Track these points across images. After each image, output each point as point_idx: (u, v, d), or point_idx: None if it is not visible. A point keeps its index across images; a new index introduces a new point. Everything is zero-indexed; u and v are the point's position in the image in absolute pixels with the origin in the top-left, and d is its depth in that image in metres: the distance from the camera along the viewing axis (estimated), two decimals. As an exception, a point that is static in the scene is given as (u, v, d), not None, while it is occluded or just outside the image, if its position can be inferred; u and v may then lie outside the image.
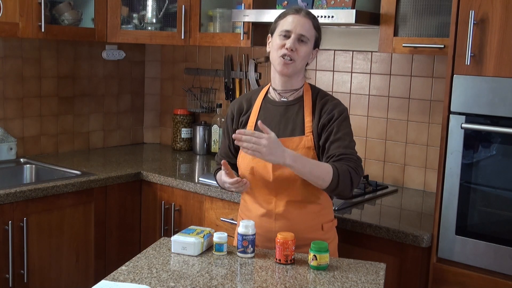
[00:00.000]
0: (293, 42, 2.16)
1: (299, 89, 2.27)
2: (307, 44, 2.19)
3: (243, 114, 2.32)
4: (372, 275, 1.96)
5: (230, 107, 2.38)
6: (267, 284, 1.88)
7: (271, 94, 2.31)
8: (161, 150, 3.95)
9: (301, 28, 2.17)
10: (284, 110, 2.25)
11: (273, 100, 2.29)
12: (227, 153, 2.39)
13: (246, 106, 2.32)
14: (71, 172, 3.16)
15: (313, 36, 2.21)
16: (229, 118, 2.36)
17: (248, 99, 2.34)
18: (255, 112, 2.29)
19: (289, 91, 2.26)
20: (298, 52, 2.17)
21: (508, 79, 2.13)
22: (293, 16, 2.19)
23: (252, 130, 2.19)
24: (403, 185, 3.11)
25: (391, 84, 3.11)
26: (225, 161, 2.16)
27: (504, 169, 2.21)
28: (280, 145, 2.03)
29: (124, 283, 1.84)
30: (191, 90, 3.87)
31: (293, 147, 2.18)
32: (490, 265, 2.22)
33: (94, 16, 3.39)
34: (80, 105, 3.74)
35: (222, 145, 2.43)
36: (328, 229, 2.26)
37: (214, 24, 3.43)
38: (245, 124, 2.30)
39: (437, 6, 2.59)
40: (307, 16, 2.20)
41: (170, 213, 3.13)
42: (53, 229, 2.91)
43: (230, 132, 2.35)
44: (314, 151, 2.19)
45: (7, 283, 2.74)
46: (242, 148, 2.04)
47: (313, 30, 2.21)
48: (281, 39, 2.18)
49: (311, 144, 2.19)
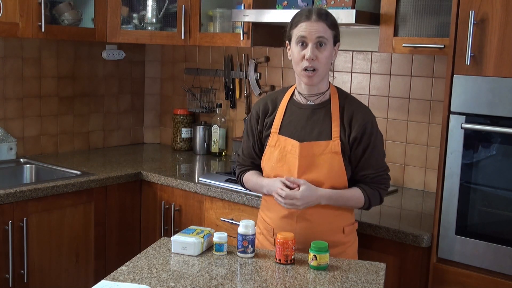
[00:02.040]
0: (312, 50, 2.12)
1: (325, 92, 2.24)
2: (326, 46, 2.14)
3: (268, 116, 2.29)
4: (372, 275, 1.96)
5: (254, 107, 2.35)
6: (267, 284, 1.88)
7: (296, 96, 2.28)
8: (161, 150, 3.95)
9: (316, 33, 2.12)
10: (311, 113, 2.23)
11: (299, 102, 2.26)
12: (250, 154, 2.35)
13: (272, 107, 2.29)
14: (71, 172, 3.16)
15: (330, 36, 2.15)
16: (253, 118, 2.32)
17: (273, 100, 2.31)
18: (280, 115, 2.26)
19: (315, 95, 2.23)
20: (320, 59, 2.13)
21: (508, 79, 2.13)
22: (305, 23, 2.13)
23: (276, 133, 2.22)
24: (403, 185, 3.11)
25: (391, 84, 3.11)
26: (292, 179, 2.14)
27: (504, 169, 2.21)
28: (313, 191, 2.12)
29: (124, 283, 1.84)
30: (191, 90, 3.87)
31: (320, 151, 2.17)
32: (490, 265, 2.22)
33: (94, 16, 3.39)
34: (80, 105, 3.74)
35: (245, 145, 2.37)
36: (349, 232, 2.25)
37: (214, 24, 3.43)
38: (270, 127, 2.26)
39: (437, 6, 2.59)
40: (320, 19, 2.14)
41: (170, 213, 3.13)
42: (53, 229, 2.91)
43: (254, 133, 2.32)
44: (340, 156, 2.17)
45: (7, 283, 2.74)
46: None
47: (328, 30, 2.15)
48: (299, 48, 2.14)
49: (338, 149, 2.17)
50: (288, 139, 2.20)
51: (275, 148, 2.22)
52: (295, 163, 2.17)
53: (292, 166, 2.18)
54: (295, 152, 2.18)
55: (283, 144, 2.21)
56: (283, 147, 2.21)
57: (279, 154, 2.21)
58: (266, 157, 2.25)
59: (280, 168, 2.20)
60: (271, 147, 2.24)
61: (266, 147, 2.26)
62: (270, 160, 2.23)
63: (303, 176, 2.16)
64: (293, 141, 2.19)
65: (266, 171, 2.26)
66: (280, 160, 2.20)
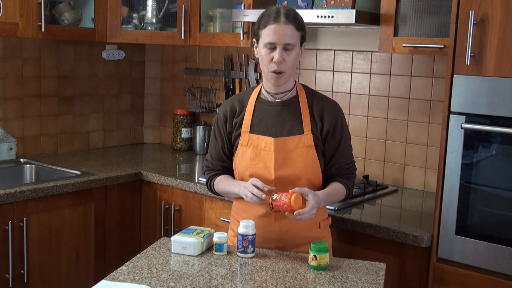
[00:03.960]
0: (280, 54, 2.13)
1: (291, 89, 2.27)
2: (294, 48, 2.16)
3: (236, 116, 2.30)
4: (372, 275, 1.96)
5: (221, 109, 2.35)
6: (267, 284, 1.88)
7: (264, 94, 2.30)
8: (161, 150, 3.95)
9: (284, 37, 2.12)
10: (280, 109, 2.25)
11: (267, 100, 2.28)
12: (220, 157, 2.35)
13: (239, 107, 2.30)
14: (71, 172, 3.16)
15: (298, 38, 2.17)
16: (221, 120, 2.33)
17: (239, 100, 2.32)
18: (249, 113, 2.27)
19: (282, 93, 2.26)
20: (287, 61, 2.15)
21: (508, 79, 2.13)
22: (274, 26, 2.13)
23: (247, 132, 2.23)
24: (403, 185, 3.11)
25: (391, 84, 3.11)
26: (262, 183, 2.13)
27: (504, 169, 2.21)
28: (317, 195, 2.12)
29: (124, 283, 1.84)
30: (191, 90, 3.87)
31: (293, 146, 2.19)
32: (490, 265, 2.22)
33: (94, 16, 3.39)
34: (80, 105, 3.74)
35: (214, 149, 2.36)
36: (324, 226, 2.30)
37: (214, 24, 3.43)
38: (239, 126, 2.27)
39: (437, 6, 2.59)
40: (288, 21, 2.13)
41: (170, 213, 3.13)
42: (53, 229, 2.91)
43: (223, 134, 2.32)
44: (314, 150, 2.20)
45: (7, 283, 2.74)
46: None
47: (296, 33, 2.15)
48: (267, 51, 2.16)
49: (311, 142, 2.20)
50: (260, 137, 2.22)
51: (248, 146, 2.23)
52: (271, 159, 2.18)
53: (268, 162, 2.18)
54: (269, 148, 2.19)
55: (256, 142, 2.22)
56: (256, 145, 2.22)
57: (252, 152, 2.21)
58: (238, 157, 2.25)
59: (255, 166, 2.20)
60: (243, 146, 2.24)
61: (238, 147, 2.26)
62: (243, 159, 2.23)
63: (280, 171, 2.17)
64: (267, 137, 2.20)
65: (239, 170, 2.25)
66: (255, 158, 2.21)
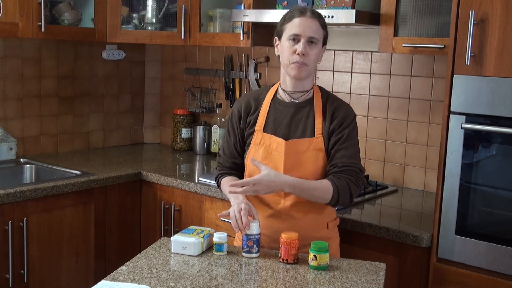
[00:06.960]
0: (304, 46, 2.13)
1: (309, 91, 2.25)
2: (317, 45, 2.16)
3: (251, 114, 2.29)
4: (372, 275, 1.96)
5: (236, 105, 2.34)
6: (267, 284, 1.88)
7: (280, 94, 2.28)
8: (161, 150, 3.95)
9: (310, 30, 2.14)
10: (295, 111, 2.24)
11: (283, 100, 2.27)
12: (232, 153, 2.34)
13: (254, 105, 2.29)
14: (71, 172, 3.16)
15: (321, 36, 2.19)
16: (235, 116, 2.32)
17: (255, 98, 2.31)
18: (264, 112, 2.26)
19: (299, 92, 2.24)
20: (310, 55, 2.15)
21: (508, 79, 2.13)
22: (300, 18, 2.15)
23: (261, 131, 2.22)
24: (403, 185, 3.11)
25: (391, 84, 3.11)
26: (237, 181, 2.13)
27: (504, 169, 2.21)
28: (276, 177, 2.08)
29: (124, 283, 1.84)
30: (191, 90, 3.87)
31: (304, 148, 2.18)
32: (490, 265, 2.22)
33: (94, 16, 3.39)
34: (80, 105, 3.74)
35: (226, 145, 2.36)
36: (332, 227, 2.28)
37: (214, 24, 3.43)
38: (253, 124, 2.26)
39: (437, 6, 2.59)
40: (313, 16, 2.17)
41: (170, 213, 3.13)
42: (53, 229, 2.91)
43: (236, 131, 2.31)
44: (324, 153, 2.19)
45: (7, 283, 2.74)
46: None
47: (321, 30, 2.18)
48: (290, 43, 2.15)
49: (321, 145, 2.18)
50: (273, 137, 2.21)
51: (260, 146, 2.23)
52: (281, 161, 2.18)
53: (278, 163, 2.18)
54: (280, 150, 2.18)
55: (268, 142, 2.22)
56: (268, 144, 2.21)
57: (264, 152, 2.21)
58: (250, 155, 2.25)
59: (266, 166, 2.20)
60: (255, 145, 2.24)
61: (250, 145, 2.26)
62: (255, 158, 2.23)
63: (289, 173, 2.16)
64: (278, 139, 2.20)
65: (250, 168, 2.25)
66: (266, 158, 2.20)
